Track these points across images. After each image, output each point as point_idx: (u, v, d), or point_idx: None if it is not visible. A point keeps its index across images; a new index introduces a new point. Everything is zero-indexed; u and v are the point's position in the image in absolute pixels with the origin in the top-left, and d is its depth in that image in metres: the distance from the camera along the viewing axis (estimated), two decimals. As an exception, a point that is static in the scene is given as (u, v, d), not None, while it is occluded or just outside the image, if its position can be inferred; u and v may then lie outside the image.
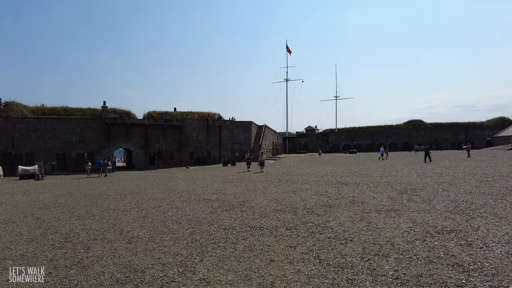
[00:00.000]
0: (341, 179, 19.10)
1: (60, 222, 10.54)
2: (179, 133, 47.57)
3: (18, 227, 10.02)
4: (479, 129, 79.00)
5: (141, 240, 8.00)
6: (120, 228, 9.34)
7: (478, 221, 8.37)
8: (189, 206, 12.44)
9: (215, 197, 14.41)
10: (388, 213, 9.71)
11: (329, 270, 5.74)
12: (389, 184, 15.81)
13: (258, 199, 13.24)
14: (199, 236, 8.15)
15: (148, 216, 10.80)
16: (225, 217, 10.12)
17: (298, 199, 12.89)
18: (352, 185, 16.12)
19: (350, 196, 13.00)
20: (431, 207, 10.21)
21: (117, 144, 43.06)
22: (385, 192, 13.47)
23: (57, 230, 9.44)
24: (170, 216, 10.62)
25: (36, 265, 6.61)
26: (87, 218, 11.01)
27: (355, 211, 10.20)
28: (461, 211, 9.49)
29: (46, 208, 13.47)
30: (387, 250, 6.55)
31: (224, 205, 12.24)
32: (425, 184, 15.20)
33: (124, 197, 15.74)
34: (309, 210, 10.61)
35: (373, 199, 12.11)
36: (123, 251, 7.20)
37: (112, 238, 8.29)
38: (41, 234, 9.05)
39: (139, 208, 12.38)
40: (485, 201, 10.73)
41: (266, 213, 10.53)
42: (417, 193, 12.84)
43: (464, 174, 18.61)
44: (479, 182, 15.03)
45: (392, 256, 6.23)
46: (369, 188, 14.81)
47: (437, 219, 8.69)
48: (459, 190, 13.08)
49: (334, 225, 8.64)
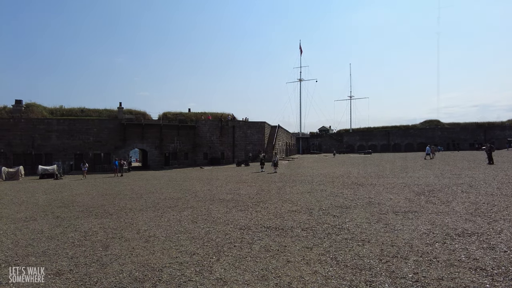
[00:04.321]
0: (357, 180, 18.88)
1: (79, 220, 10.77)
2: (193, 134, 47.93)
3: (39, 225, 10.29)
4: (499, 129, 76.84)
5: (158, 239, 8.09)
6: (137, 227, 9.47)
7: (501, 223, 8.13)
8: (204, 205, 12.52)
9: (230, 197, 14.45)
10: (406, 214, 9.54)
11: (346, 271, 5.68)
12: (406, 185, 15.54)
13: (273, 200, 13.22)
14: (215, 235, 8.20)
15: (164, 216, 10.93)
16: (240, 217, 10.15)
17: (313, 200, 12.81)
18: (368, 186, 15.92)
19: (366, 197, 12.84)
20: (450, 209, 9.98)
21: (133, 144, 43.69)
22: (402, 193, 13.25)
23: (76, 228, 9.65)
24: (186, 216, 10.72)
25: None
26: (104, 217, 11.21)
27: (371, 212, 10.07)
28: (482, 213, 9.24)
29: (65, 206, 13.79)
30: (406, 252, 6.44)
31: (239, 205, 12.27)
32: (443, 186, 14.88)
33: (140, 196, 15.96)
34: (325, 211, 10.53)
35: (389, 200, 11.93)
36: (140, 249, 7.30)
37: (130, 237, 8.41)
38: (61, 232, 9.26)
39: (155, 208, 12.54)
40: (508, 203, 10.42)
41: (281, 213, 10.50)
42: (435, 195, 12.58)
43: (484, 176, 18.12)
44: (501, 184, 14.61)
45: (411, 258, 6.12)
46: (385, 189, 14.59)
47: (457, 221, 8.49)
48: (479, 192, 12.74)
49: (350, 226, 8.55)
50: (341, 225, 8.71)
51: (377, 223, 8.72)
